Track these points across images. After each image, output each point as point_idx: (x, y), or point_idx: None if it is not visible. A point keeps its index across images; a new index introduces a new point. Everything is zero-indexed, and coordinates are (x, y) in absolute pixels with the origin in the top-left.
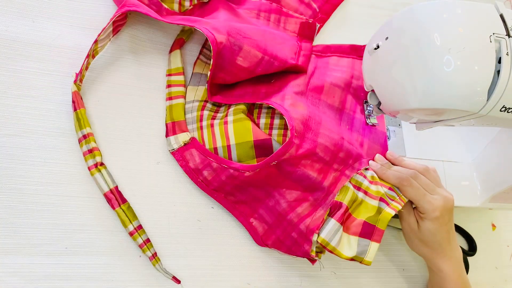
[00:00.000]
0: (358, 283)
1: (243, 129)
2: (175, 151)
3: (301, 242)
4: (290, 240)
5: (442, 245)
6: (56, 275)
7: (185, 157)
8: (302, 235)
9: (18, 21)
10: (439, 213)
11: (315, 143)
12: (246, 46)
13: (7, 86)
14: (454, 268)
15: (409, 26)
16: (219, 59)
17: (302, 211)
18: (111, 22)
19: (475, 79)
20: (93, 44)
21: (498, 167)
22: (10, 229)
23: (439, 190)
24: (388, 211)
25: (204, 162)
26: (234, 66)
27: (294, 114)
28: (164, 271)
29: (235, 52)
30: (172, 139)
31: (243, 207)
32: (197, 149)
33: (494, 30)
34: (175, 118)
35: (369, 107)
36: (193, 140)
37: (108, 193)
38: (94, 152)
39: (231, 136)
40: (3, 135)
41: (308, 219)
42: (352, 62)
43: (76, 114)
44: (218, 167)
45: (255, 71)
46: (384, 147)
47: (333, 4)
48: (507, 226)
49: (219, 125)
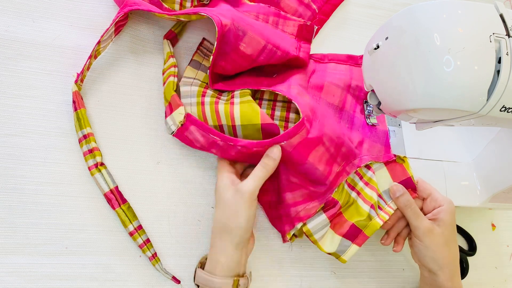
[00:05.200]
0: (358, 283)
1: (250, 111)
2: (175, 133)
3: (284, 221)
4: (276, 213)
5: (457, 242)
6: (56, 275)
7: (188, 138)
8: (289, 218)
9: (18, 21)
10: (453, 204)
11: (322, 131)
12: (250, 32)
13: (7, 86)
14: (450, 275)
15: (409, 26)
16: (222, 44)
17: (298, 197)
18: (114, 23)
19: (475, 79)
20: (96, 45)
21: (498, 167)
22: (10, 229)
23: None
24: (378, 221)
25: (208, 141)
26: (237, 53)
27: (301, 101)
28: (164, 271)
29: (239, 38)
30: (169, 121)
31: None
32: (196, 126)
33: (494, 30)
34: (168, 97)
35: (369, 107)
36: (188, 117)
37: (109, 193)
38: (94, 152)
39: (236, 118)
40: (3, 135)
41: (301, 206)
42: (350, 67)
43: (76, 114)
44: (225, 144)
45: (257, 60)
46: (386, 146)
47: (332, 4)
48: (507, 226)
49: (224, 105)
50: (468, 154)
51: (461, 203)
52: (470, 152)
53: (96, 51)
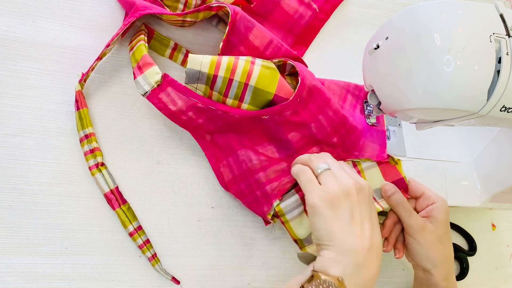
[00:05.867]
0: None
1: (270, 77)
2: (148, 94)
3: (262, 202)
4: (253, 197)
5: (450, 239)
6: (56, 275)
7: (162, 100)
8: (266, 196)
9: (18, 21)
10: (446, 201)
11: (314, 118)
12: (258, 25)
13: (7, 86)
14: (445, 275)
15: (409, 26)
16: (232, 35)
17: (272, 173)
18: (125, 29)
19: (475, 79)
20: (105, 47)
21: (498, 167)
22: (10, 229)
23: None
24: None
25: (188, 103)
26: (246, 43)
27: (307, 77)
28: (163, 272)
29: (248, 28)
30: (140, 80)
31: (217, 150)
32: (174, 88)
33: (494, 30)
34: (138, 58)
35: (369, 107)
36: (166, 77)
37: (109, 194)
38: (95, 152)
39: (253, 77)
40: (3, 135)
41: (276, 182)
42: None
43: (78, 113)
44: (205, 108)
45: (264, 54)
46: (382, 146)
47: (333, 4)
48: (507, 226)
49: (245, 61)
50: (468, 154)
51: (461, 203)
52: (470, 152)
53: (103, 53)
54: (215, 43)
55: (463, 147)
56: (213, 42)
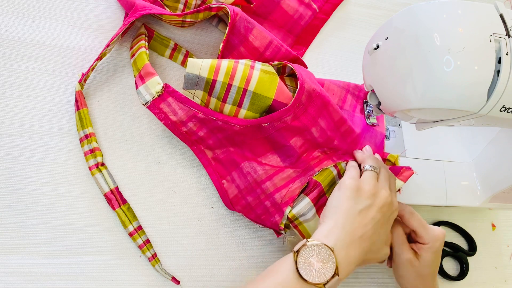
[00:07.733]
0: (358, 283)
1: (269, 81)
2: (149, 104)
3: (273, 212)
4: (262, 208)
5: (434, 276)
6: (56, 275)
7: (163, 110)
8: (276, 205)
9: (18, 21)
10: (441, 242)
11: (314, 122)
12: (258, 26)
13: (7, 86)
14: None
15: (409, 26)
16: (232, 36)
17: (279, 181)
18: (125, 29)
19: (475, 79)
20: (105, 47)
21: (498, 167)
22: (10, 229)
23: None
24: None
25: (188, 114)
26: (246, 44)
27: (306, 81)
28: (163, 272)
29: (248, 29)
30: (142, 90)
31: (219, 166)
32: (174, 98)
33: (494, 30)
34: (139, 67)
35: (369, 107)
36: (167, 87)
37: (109, 194)
38: (95, 152)
39: (252, 82)
40: (3, 135)
41: (284, 190)
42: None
43: (78, 113)
44: (205, 118)
45: (264, 55)
46: (379, 147)
47: (333, 4)
48: (507, 226)
49: (245, 66)
50: (468, 154)
51: (461, 203)
52: (470, 152)
53: (103, 53)
54: (215, 43)
55: (463, 147)
56: (213, 42)
